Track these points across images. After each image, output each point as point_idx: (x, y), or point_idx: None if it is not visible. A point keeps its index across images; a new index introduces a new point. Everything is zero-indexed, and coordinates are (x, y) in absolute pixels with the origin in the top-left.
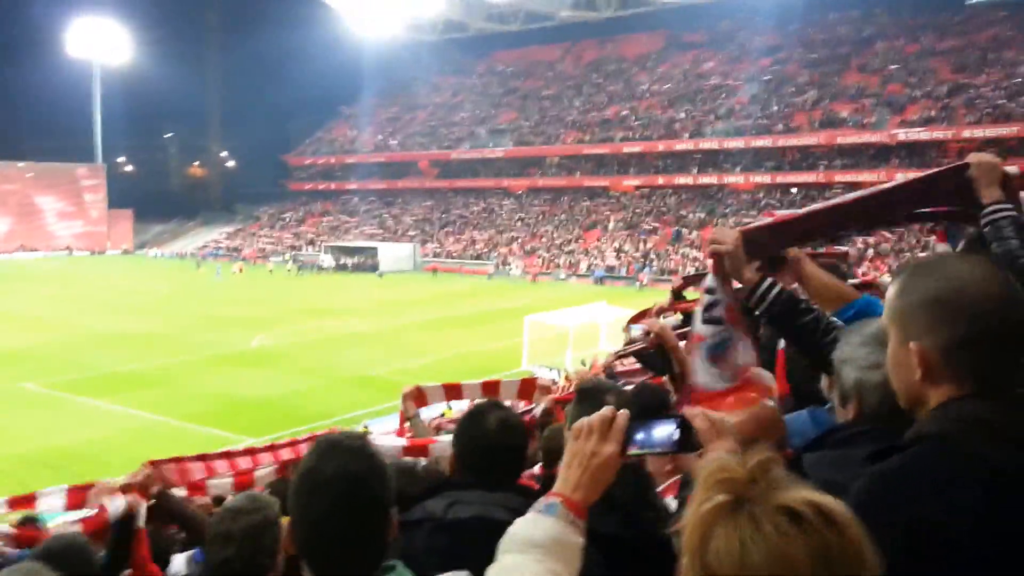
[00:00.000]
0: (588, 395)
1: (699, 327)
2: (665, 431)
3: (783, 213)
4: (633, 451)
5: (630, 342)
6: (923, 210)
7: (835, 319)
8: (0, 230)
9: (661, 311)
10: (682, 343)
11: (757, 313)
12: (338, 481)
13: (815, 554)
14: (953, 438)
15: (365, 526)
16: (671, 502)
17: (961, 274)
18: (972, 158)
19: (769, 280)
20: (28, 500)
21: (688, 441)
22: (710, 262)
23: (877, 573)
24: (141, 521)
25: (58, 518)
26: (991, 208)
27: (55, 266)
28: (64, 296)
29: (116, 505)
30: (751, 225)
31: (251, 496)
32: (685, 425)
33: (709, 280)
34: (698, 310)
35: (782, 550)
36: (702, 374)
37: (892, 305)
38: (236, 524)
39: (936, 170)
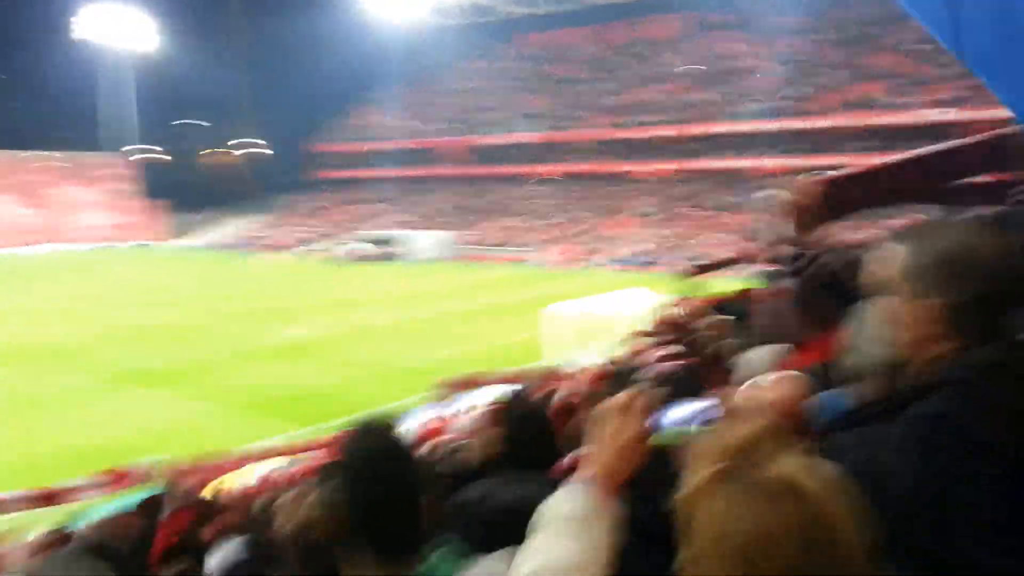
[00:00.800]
0: (620, 377)
1: (786, 281)
2: (691, 414)
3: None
4: (664, 431)
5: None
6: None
7: None
8: (31, 222)
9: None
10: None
11: (803, 276)
12: (370, 465)
13: (797, 526)
14: (971, 382)
15: (398, 511)
16: None
17: (972, 234)
18: None
19: (818, 251)
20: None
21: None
22: (792, 213)
23: (862, 545)
24: (164, 514)
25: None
26: None
27: (87, 259)
28: (98, 290)
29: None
30: (838, 173)
31: None
32: (712, 409)
33: (789, 231)
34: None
35: (763, 521)
36: (808, 306)
37: (901, 263)
38: None
39: (978, 137)
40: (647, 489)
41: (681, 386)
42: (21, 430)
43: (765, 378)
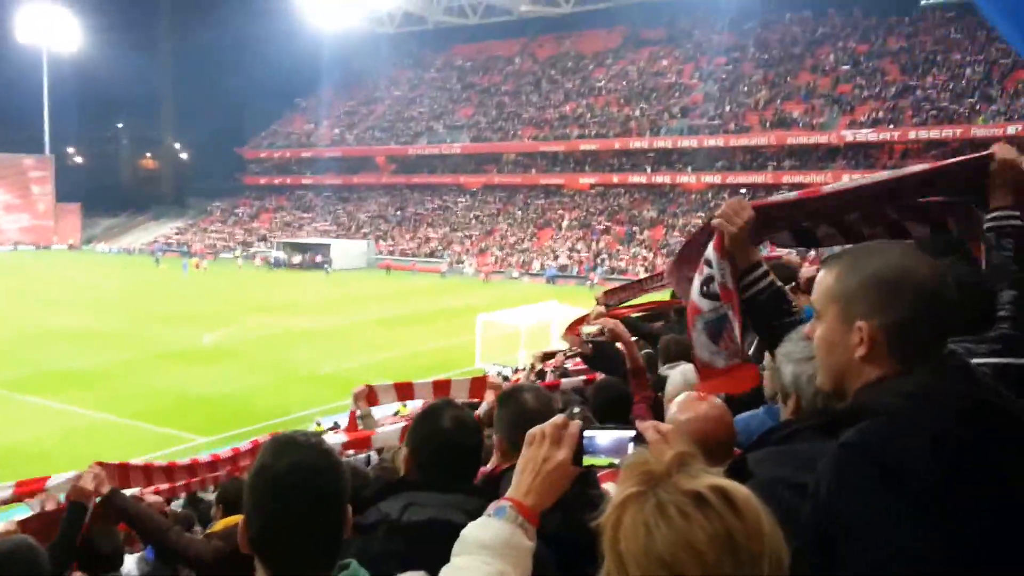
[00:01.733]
0: (508, 398)
1: (697, 299)
2: (619, 441)
3: (798, 193)
4: (587, 460)
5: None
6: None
7: None
8: None
9: (599, 315)
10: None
11: (743, 297)
12: (293, 476)
13: (717, 537)
14: (902, 411)
15: (320, 523)
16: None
17: (905, 260)
18: (997, 149)
19: (764, 268)
20: None
21: None
22: (714, 236)
23: (782, 558)
24: (86, 517)
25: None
26: (998, 213)
27: (1, 260)
28: (8, 291)
29: (59, 485)
30: (764, 200)
31: None
32: (639, 437)
33: (709, 254)
34: (697, 280)
35: (685, 533)
36: (701, 349)
37: (832, 286)
38: None
39: (958, 159)
40: (569, 510)
41: (611, 397)
42: None
43: (689, 401)
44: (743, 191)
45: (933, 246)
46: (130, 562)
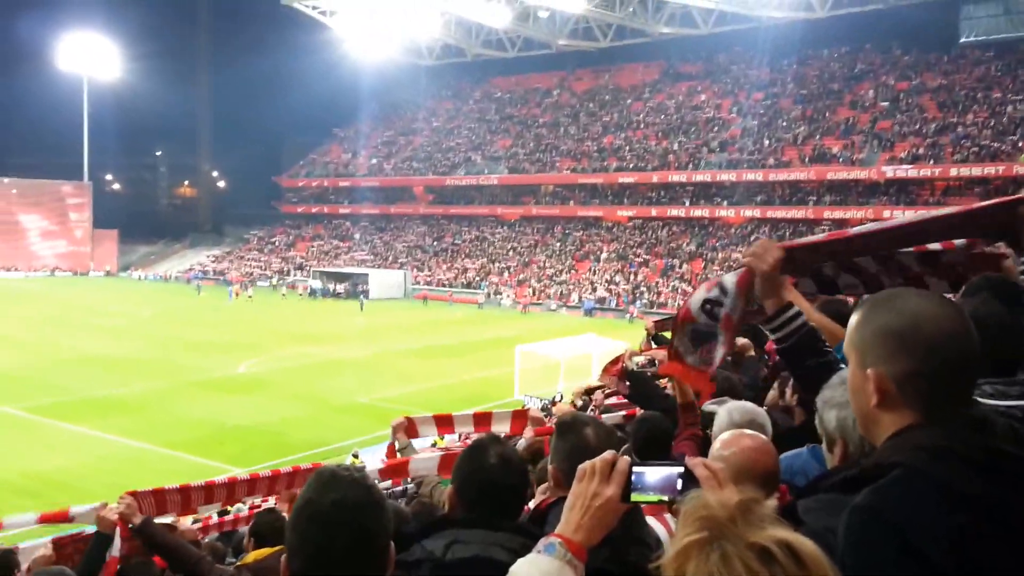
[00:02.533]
0: (568, 429)
1: (695, 308)
2: (668, 478)
3: (828, 234)
4: (636, 496)
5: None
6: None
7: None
8: None
9: (632, 355)
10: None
11: (777, 339)
12: (337, 512)
13: None
14: (917, 468)
15: (363, 560)
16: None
17: (917, 308)
18: None
19: (796, 309)
20: None
21: (691, 490)
22: (741, 270)
23: None
24: (115, 550)
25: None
26: None
27: (37, 287)
28: (45, 318)
29: (83, 513)
30: (794, 242)
31: None
32: (687, 473)
33: (728, 282)
34: (700, 294)
35: None
36: (678, 343)
37: (851, 334)
38: None
39: (987, 203)
40: (617, 547)
41: (652, 433)
42: None
43: (734, 436)
44: (783, 225)
45: (979, 285)
46: None
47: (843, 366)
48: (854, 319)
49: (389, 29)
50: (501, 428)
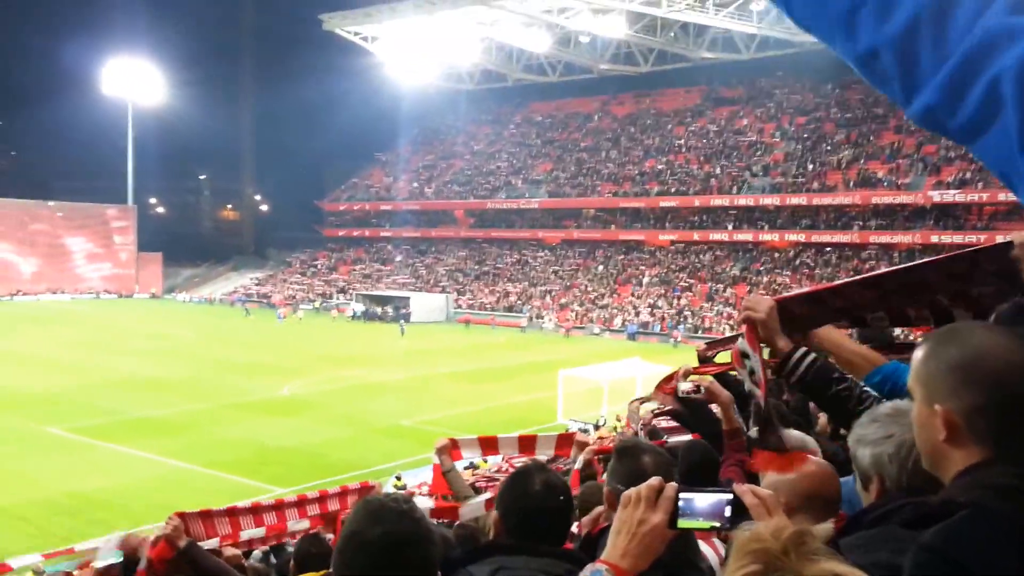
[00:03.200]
0: (627, 453)
1: (748, 387)
2: (716, 505)
3: (816, 285)
4: (683, 523)
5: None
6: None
7: (868, 388)
8: (28, 271)
9: (687, 374)
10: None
11: (791, 382)
12: (385, 545)
13: None
14: (985, 506)
15: None
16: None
17: (982, 341)
18: (1016, 237)
19: (802, 350)
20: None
21: (739, 517)
22: (744, 328)
23: None
24: (142, 564)
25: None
26: None
27: (83, 309)
28: (92, 340)
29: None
30: (787, 294)
31: None
32: (736, 501)
33: (742, 345)
34: (744, 375)
35: None
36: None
37: (918, 369)
38: None
39: (977, 247)
40: (670, 572)
41: (699, 461)
42: (5, 476)
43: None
44: (828, 250)
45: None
46: None
47: (867, 390)
48: (918, 354)
49: (430, 55)
50: (546, 451)
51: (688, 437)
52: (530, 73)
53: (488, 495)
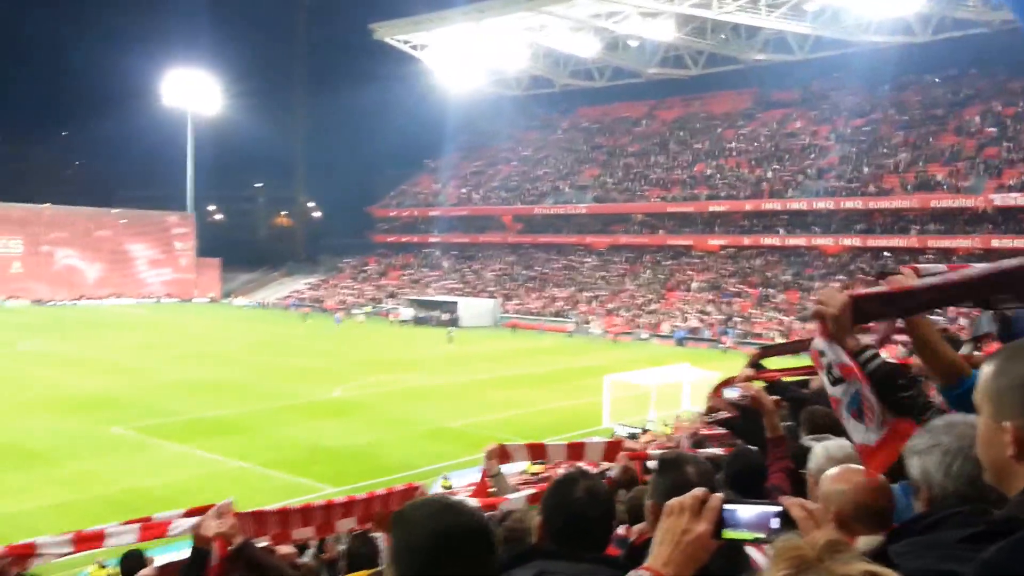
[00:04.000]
0: (670, 466)
1: (831, 390)
2: (761, 516)
3: (895, 282)
4: (727, 533)
5: (712, 410)
6: None
7: (932, 398)
8: (93, 276)
9: (747, 379)
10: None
11: None
12: (447, 541)
13: None
14: None
15: None
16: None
17: None
18: None
19: (871, 351)
20: (97, 538)
21: (787, 529)
22: (816, 323)
23: None
24: (213, 561)
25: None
26: None
27: (145, 313)
28: (155, 343)
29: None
30: (863, 291)
31: None
32: (785, 513)
33: (817, 343)
34: (823, 376)
35: None
36: (855, 434)
37: (987, 384)
38: None
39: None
40: None
41: (745, 468)
42: (71, 474)
43: (846, 472)
44: (885, 255)
45: None
46: None
47: (931, 400)
48: (987, 369)
49: (478, 62)
50: (594, 459)
51: (720, 451)
52: (577, 78)
53: (532, 491)
